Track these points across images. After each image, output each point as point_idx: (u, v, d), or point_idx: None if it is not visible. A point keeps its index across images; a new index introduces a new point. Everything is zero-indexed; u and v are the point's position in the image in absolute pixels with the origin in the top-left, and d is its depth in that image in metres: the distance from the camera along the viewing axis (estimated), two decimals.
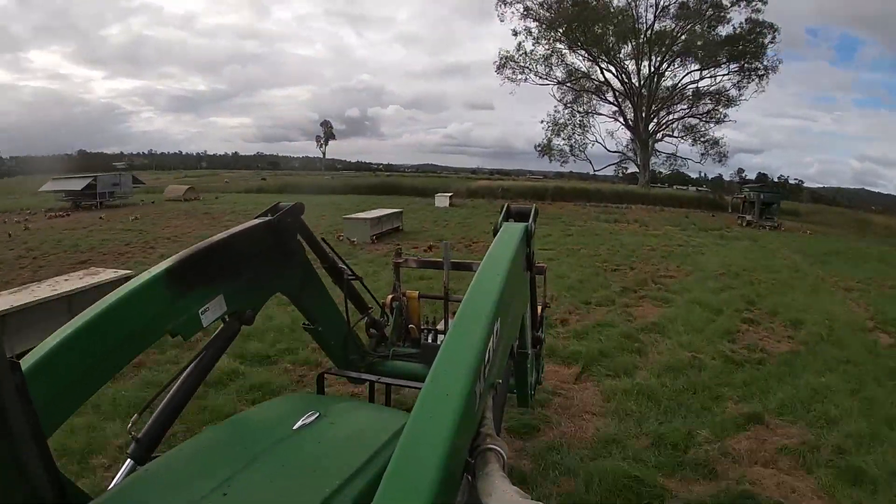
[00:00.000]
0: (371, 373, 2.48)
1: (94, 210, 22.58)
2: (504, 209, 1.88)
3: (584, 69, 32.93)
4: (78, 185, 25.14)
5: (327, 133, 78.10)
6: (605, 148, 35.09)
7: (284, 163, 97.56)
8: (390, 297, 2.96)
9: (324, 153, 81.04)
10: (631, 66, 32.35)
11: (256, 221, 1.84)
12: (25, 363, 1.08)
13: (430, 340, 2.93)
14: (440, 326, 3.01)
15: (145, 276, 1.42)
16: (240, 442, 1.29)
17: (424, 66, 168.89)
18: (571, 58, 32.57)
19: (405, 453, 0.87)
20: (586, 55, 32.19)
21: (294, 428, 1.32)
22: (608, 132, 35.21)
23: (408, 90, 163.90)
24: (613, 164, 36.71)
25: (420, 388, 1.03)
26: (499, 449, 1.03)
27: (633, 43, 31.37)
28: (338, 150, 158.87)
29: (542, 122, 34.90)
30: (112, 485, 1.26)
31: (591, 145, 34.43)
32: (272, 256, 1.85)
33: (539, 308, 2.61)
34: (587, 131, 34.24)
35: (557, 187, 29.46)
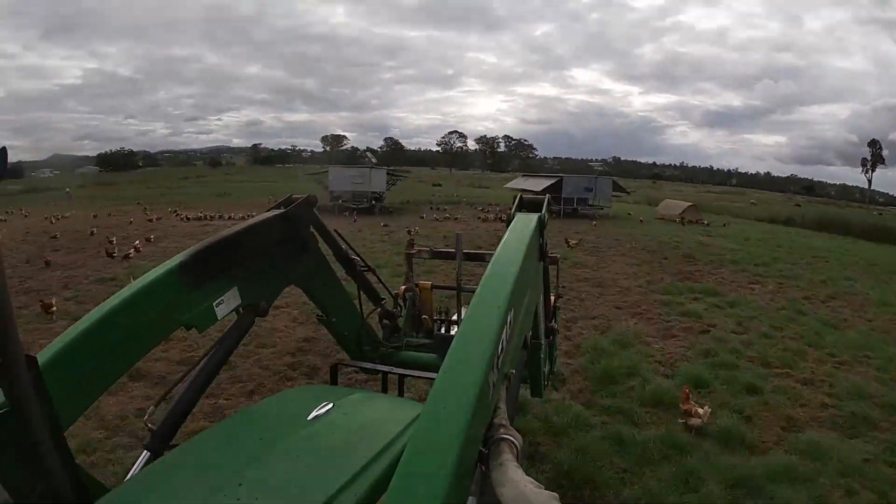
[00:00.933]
0: (384, 363, 2.49)
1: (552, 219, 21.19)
2: (517, 199, 1.85)
3: None
4: (538, 184, 23.39)
5: (875, 156, 58.73)
6: None
7: (819, 188, 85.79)
8: (403, 287, 2.97)
9: (869, 181, 62.88)
10: None
11: (270, 214, 1.84)
12: (42, 357, 1.10)
13: (443, 331, 2.93)
14: (454, 317, 3.00)
15: (159, 269, 1.43)
16: (254, 432, 1.30)
17: None
18: None
19: (419, 443, 0.87)
20: None
21: (308, 418, 1.32)
22: None
23: None
24: None
25: (433, 379, 1.03)
26: (512, 439, 1.03)
27: None
28: (883, 180, 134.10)
29: None
30: (129, 476, 1.28)
31: None
32: (286, 248, 1.85)
33: (553, 298, 2.58)
34: None
35: None
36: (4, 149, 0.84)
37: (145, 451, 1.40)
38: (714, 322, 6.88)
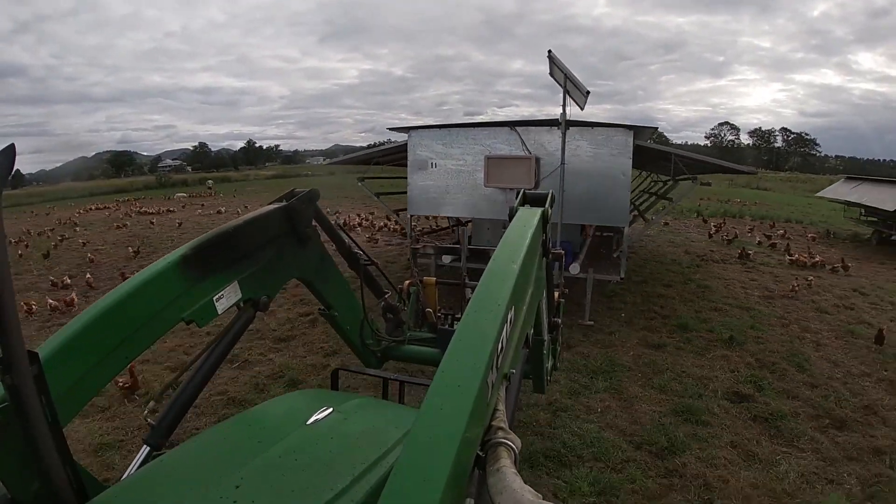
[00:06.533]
0: (387, 357, 2.49)
1: None
2: (520, 194, 1.82)
3: None
4: (893, 198, 12.96)
5: None
6: None
7: None
8: (407, 282, 2.97)
9: None
10: None
11: (272, 207, 1.82)
12: (42, 352, 1.09)
13: (447, 325, 2.92)
14: (458, 314, 2.99)
15: (160, 263, 1.41)
16: (253, 435, 1.29)
17: None
18: None
19: (415, 447, 0.85)
20: None
21: (308, 423, 1.32)
22: None
23: None
24: None
25: None
26: (510, 444, 1.00)
27: None
28: None
29: None
30: (127, 473, 1.29)
31: None
32: (287, 242, 1.84)
33: (556, 294, 2.54)
34: None
35: None
36: (13, 146, 0.84)
37: (145, 446, 1.41)
38: None
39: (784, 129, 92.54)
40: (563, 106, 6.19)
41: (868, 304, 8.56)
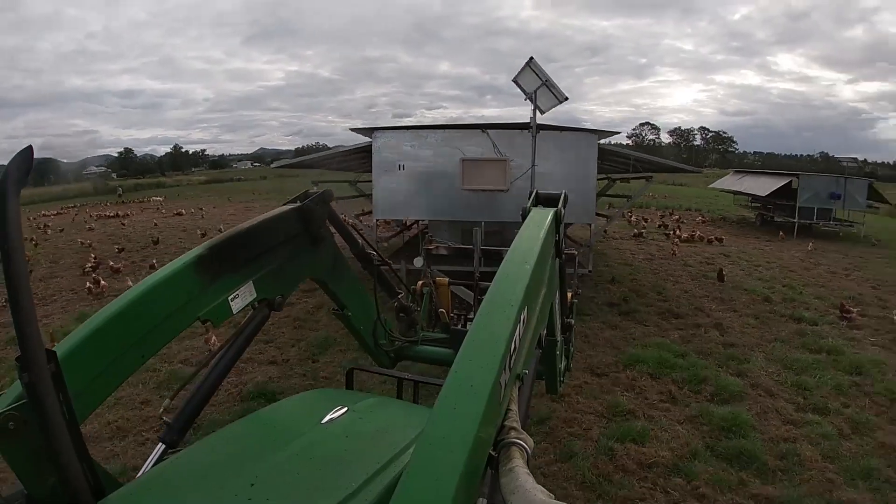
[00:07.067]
0: (400, 358, 2.53)
1: (785, 239, 14.16)
2: (532, 194, 1.78)
3: None
4: (762, 185, 16.46)
5: None
6: None
7: None
8: (420, 282, 2.93)
9: None
10: None
11: (286, 208, 1.76)
12: (59, 350, 1.07)
13: (460, 326, 2.91)
14: (471, 315, 2.99)
15: (176, 263, 1.38)
16: (268, 434, 1.30)
17: None
18: None
19: (428, 446, 0.85)
20: None
21: (322, 422, 1.32)
22: None
23: None
24: None
25: None
26: (523, 444, 1.00)
27: None
28: None
29: None
30: (142, 470, 1.30)
31: None
32: (301, 243, 1.80)
33: (569, 294, 2.51)
34: None
35: None
36: (30, 147, 0.83)
37: (160, 444, 1.41)
38: None
39: (703, 128, 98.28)
40: (534, 110, 6.15)
41: (729, 262, 10.85)
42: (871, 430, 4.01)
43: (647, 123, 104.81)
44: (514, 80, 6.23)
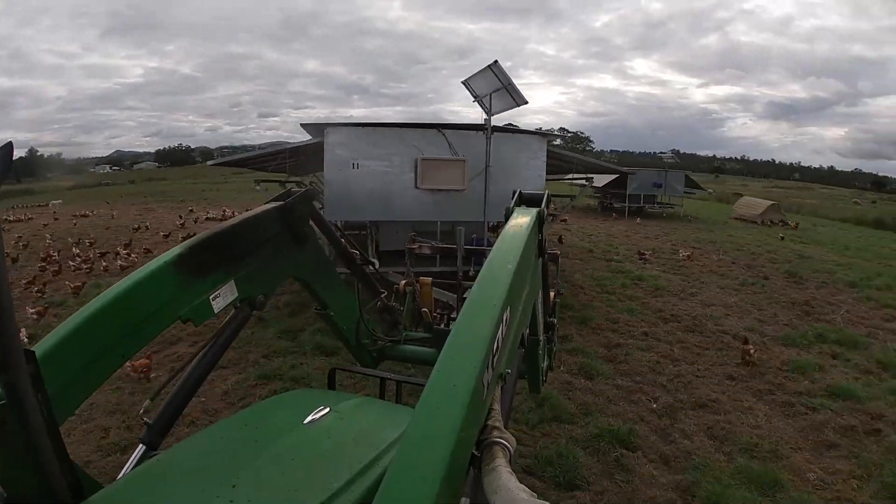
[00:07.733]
0: (383, 357, 2.47)
1: (618, 219, 19.56)
2: (516, 194, 1.81)
3: None
4: (603, 179, 21.07)
5: None
6: None
7: (889, 184, 76.90)
8: (403, 282, 2.95)
9: None
10: None
11: (268, 206, 1.81)
12: (38, 350, 1.08)
13: (443, 325, 2.92)
14: (454, 314, 3.00)
15: (156, 261, 1.40)
16: (250, 435, 1.28)
17: None
18: None
19: (410, 446, 0.85)
20: None
21: (304, 422, 1.31)
22: None
23: None
24: None
25: None
26: (505, 443, 1.00)
27: None
28: None
29: None
30: (123, 472, 1.27)
31: None
32: (284, 242, 1.83)
33: (552, 294, 2.54)
34: None
35: None
36: (10, 143, 0.84)
37: (141, 445, 1.40)
38: (880, 410, 4.51)
39: (562, 129, 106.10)
40: (489, 112, 6.60)
41: (569, 234, 15.29)
42: (640, 298, 8.41)
43: (510, 124, 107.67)
44: (464, 83, 6.78)
